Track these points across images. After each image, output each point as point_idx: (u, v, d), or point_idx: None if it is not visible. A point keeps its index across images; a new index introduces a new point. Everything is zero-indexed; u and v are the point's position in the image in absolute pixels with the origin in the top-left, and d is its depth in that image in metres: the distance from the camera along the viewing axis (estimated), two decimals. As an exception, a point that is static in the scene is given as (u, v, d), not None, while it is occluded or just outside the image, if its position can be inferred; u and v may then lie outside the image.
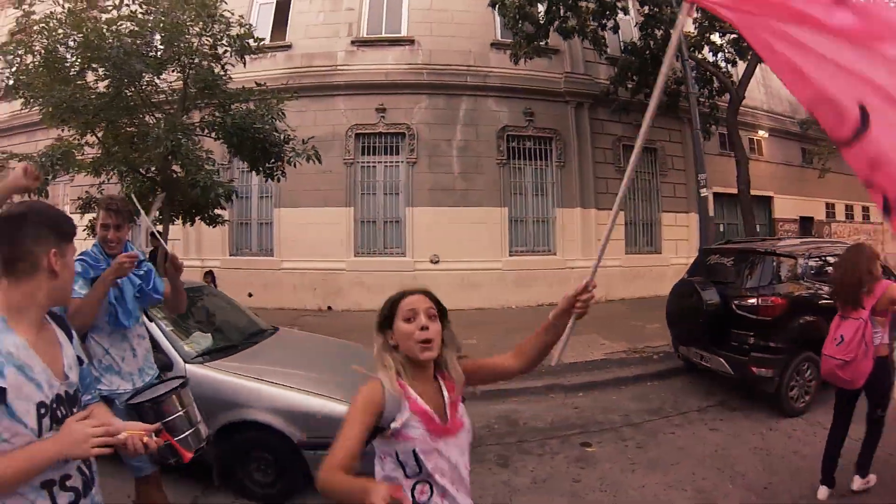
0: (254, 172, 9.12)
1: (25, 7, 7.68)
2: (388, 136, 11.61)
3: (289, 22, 13.12)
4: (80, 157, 7.84)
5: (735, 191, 11.50)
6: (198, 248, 12.12)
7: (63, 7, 7.31)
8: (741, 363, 5.20)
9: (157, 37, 7.70)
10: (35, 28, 7.40)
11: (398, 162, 11.49)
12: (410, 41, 12.02)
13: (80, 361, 1.59)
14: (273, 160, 8.62)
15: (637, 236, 12.68)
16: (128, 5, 7.61)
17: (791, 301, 5.15)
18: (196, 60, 7.86)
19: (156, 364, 3.16)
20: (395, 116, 11.48)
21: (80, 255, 2.79)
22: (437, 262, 10.87)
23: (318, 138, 11.02)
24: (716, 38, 11.59)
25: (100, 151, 7.87)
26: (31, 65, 7.59)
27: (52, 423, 1.40)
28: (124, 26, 7.38)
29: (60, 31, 7.31)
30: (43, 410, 1.39)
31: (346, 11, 12.54)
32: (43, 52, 7.37)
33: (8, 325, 1.36)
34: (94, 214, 5.13)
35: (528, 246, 11.75)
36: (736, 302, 5.32)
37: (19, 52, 7.61)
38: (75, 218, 12.41)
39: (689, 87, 9.69)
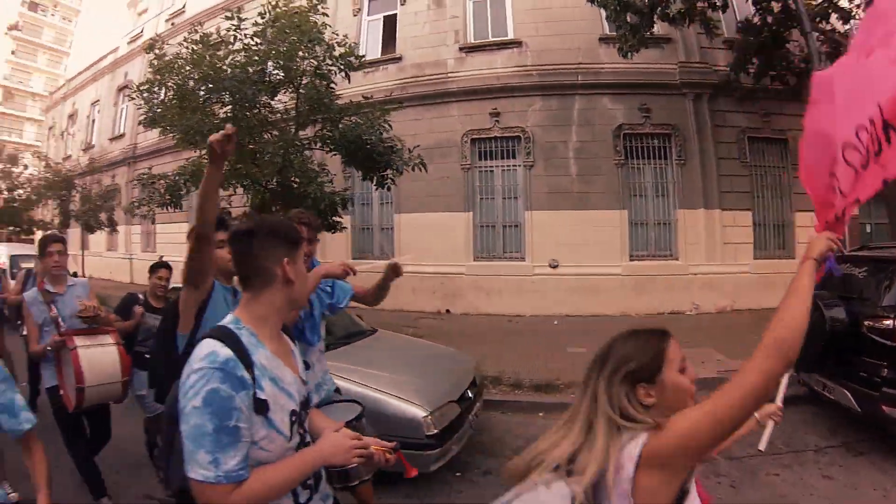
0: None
1: (157, 52, 9.11)
2: (504, 140, 11.95)
3: (397, 35, 13.91)
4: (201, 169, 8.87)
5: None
6: (322, 253, 13.21)
7: (187, 48, 8.72)
8: (870, 399, 4.35)
9: (269, 63, 8.74)
10: (166, 69, 8.81)
11: (515, 166, 11.81)
12: (518, 43, 12.21)
13: (307, 366, 1.82)
14: (383, 169, 9.35)
15: (767, 239, 11.79)
16: (240, 39, 8.78)
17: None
18: (305, 81, 8.85)
19: None
20: (509, 120, 11.79)
21: None
22: (555, 266, 11.07)
23: (434, 145, 11.87)
24: (844, 2, 10.30)
25: (225, 168, 8.74)
26: (166, 99, 9.05)
27: (298, 427, 1.52)
28: (238, 59, 8.59)
29: (187, 68, 8.60)
30: (294, 418, 1.49)
31: (451, 19, 13.06)
32: (174, 87, 8.75)
33: (259, 339, 1.46)
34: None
35: (648, 250, 11.40)
36: (868, 323, 4.46)
37: (154, 90, 9.08)
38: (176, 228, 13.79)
39: (817, 63, 8.68)
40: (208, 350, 1.37)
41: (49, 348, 3.63)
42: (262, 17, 8.89)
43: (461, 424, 4.08)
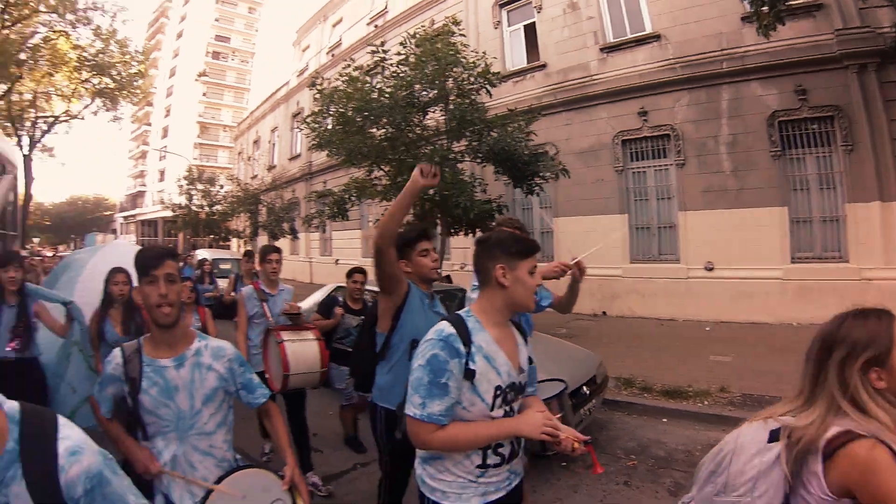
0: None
1: (318, 87, 11.43)
2: (654, 140, 12.44)
3: (538, 42, 14.83)
4: (370, 189, 11.26)
5: None
6: None
7: (342, 83, 10.87)
8: None
9: (417, 86, 10.50)
10: (327, 100, 11.09)
11: (667, 165, 12.25)
12: (656, 36, 12.38)
13: (530, 361, 2.11)
14: (531, 176, 10.64)
15: None
16: (387, 69, 10.80)
17: None
18: (451, 99, 10.57)
19: None
20: (657, 118, 12.27)
21: None
22: (711, 269, 11.28)
23: (586, 149, 13.19)
24: None
25: (387, 182, 10.94)
26: (330, 126, 11.29)
27: (502, 403, 1.91)
28: (389, 85, 10.53)
29: (344, 99, 10.67)
30: (498, 392, 1.89)
31: (588, 21, 13.70)
32: (335, 116, 10.94)
33: (482, 325, 1.92)
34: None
35: (813, 251, 10.63)
36: None
37: (319, 119, 11.44)
38: (350, 234, 15.88)
39: None
40: (439, 328, 1.89)
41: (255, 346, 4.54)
42: (404, 46, 10.92)
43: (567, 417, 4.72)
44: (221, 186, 31.97)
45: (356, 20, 24.42)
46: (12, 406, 1.24)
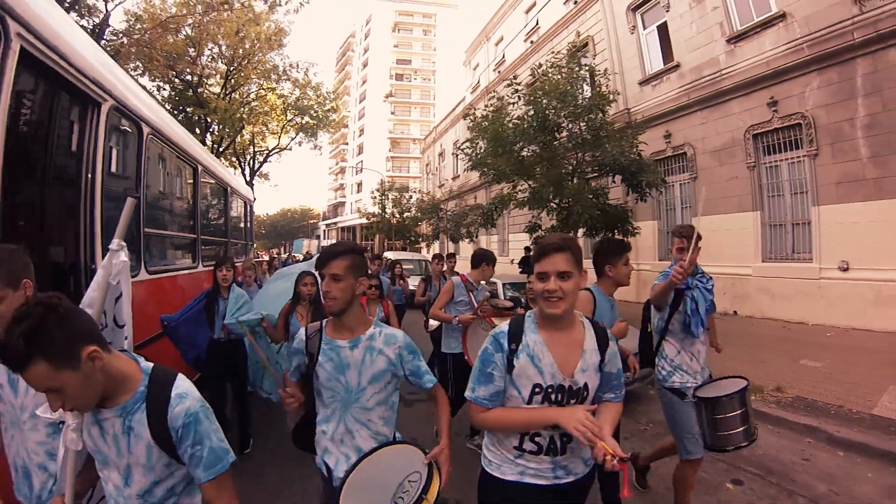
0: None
1: (470, 118, 13.42)
2: (785, 131, 11.80)
3: (671, 42, 14.90)
4: (513, 201, 12.96)
5: None
6: (635, 253, 15.38)
7: (485, 114, 12.79)
8: None
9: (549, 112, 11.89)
10: (478, 129, 13.01)
11: (800, 157, 11.49)
12: (781, 16, 11.69)
13: (601, 369, 2.17)
14: (638, 185, 11.56)
15: None
16: (523, 98, 12.35)
17: None
18: (588, 116, 11.83)
19: None
20: (787, 107, 11.63)
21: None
22: (846, 269, 10.38)
23: (720, 146, 13.27)
24: None
25: (529, 194, 12.50)
26: (482, 150, 13.26)
27: (543, 400, 2.10)
28: (523, 114, 12.25)
29: (487, 131, 12.58)
30: (537, 389, 2.08)
31: (713, 12, 13.44)
32: (486, 142, 12.85)
33: (536, 327, 2.16)
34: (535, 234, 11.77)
35: None
36: None
37: (472, 146, 13.49)
38: (521, 237, 17.37)
39: None
40: (500, 327, 2.23)
41: (458, 322, 5.27)
42: (534, 77, 13.16)
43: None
44: (411, 196, 35.88)
45: (514, 37, 25.86)
46: (147, 364, 1.79)
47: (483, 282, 5.74)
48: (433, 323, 6.50)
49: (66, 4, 15.22)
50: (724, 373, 3.89)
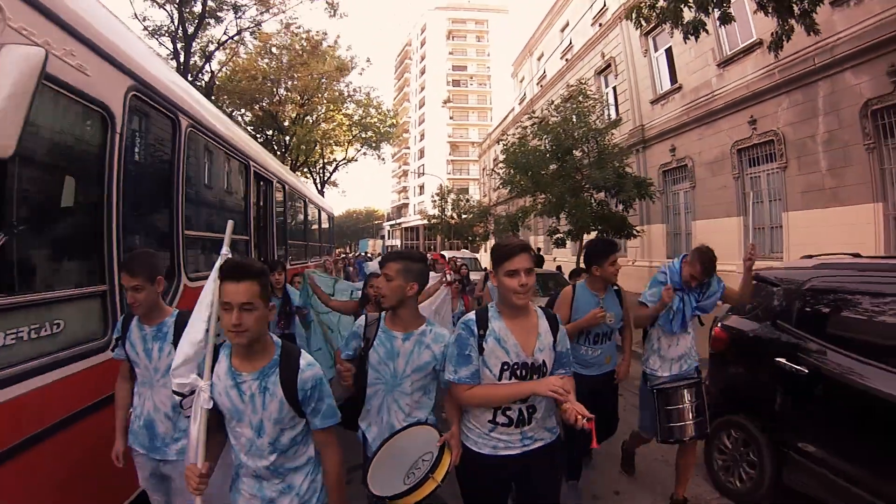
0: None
1: (503, 143, 16.42)
2: (762, 146, 13.56)
3: (675, 64, 16.85)
4: (533, 210, 16.04)
5: None
6: (647, 252, 17.56)
7: (510, 143, 15.65)
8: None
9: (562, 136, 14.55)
10: (508, 153, 15.82)
11: (775, 169, 13.16)
12: (759, 43, 13.21)
13: (554, 348, 2.58)
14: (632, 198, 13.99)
15: None
16: (538, 125, 15.29)
17: None
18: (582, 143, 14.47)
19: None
20: (764, 125, 13.37)
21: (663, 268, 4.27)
22: None
23: (713, 159, 15.17)
24: None
25: (548, 204, 15.12)
26: (510, 171, 15.94)
27: (510, 376, 2.49)
28: (543, 139, 15.10)
29: (515, 154, 15.49)
30: (506, 367, 2.49)
31: (708, 38, 14.70)
32: (510, 165, 15.64)
33: (500, 315, 2.57)
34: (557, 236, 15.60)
35: None
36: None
37: (502, 169, 16.37)
38: (539, 240, 20.40)
39: None
40: (467, 316, 2.63)
41: None
42: (552, 105, 15.78)
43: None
44: (469, 199, 38.62)
45: (551, 53, 28.12)
46: (277, 339, 2.29)
47: None
48: None
49: (181, 68, 19.35)
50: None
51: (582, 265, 4.89)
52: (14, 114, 1.77)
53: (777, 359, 4.07)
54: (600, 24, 21.91)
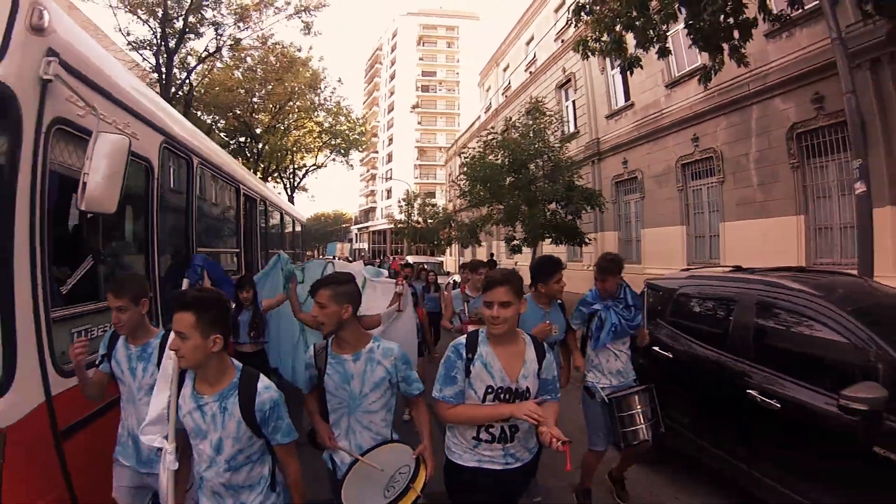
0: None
1: (462, 157, 17.76)
2: (703, 162, 14.84)
3: (629, 84, 17.98)
4: (491, 219, 17.28)
5: None
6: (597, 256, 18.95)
7: (470, 157, 16.80)
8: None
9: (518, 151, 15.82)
10: (467, 166, 16.90)
11: (714, 183, 14.47)
12: (703, 67, 13.84)
13: (539, 376, 2.73)
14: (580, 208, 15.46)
15: None
16: (496, 140, 16.63)
17: None
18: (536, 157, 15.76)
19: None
20: (705, 143, 14.65)
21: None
22: None
23: (660, 172, 16.33)
24: None
25: (504, 213, 16.46)
26: (470, 183, 17.14)
27: (494, 399, 2.66)
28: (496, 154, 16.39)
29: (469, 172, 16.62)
30: (490, 390, 2.65)
31: (658, 60, 15.79)
32: (470, 178, 16.79)
33: (488, 341, 2.72)
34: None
35: (832, 257, 11.10)
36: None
37: (464, 181, 17.37)
38: (502, 245, 21.54)
39: None
40: (458, 340, 2.81)
41: (456, 330, 5.58)
42: (510, 121, 17.31)
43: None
44: (434, 205, 39.76)
45: (517, 66, 29.28)
46: (238, 364, 2.48)
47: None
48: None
49: (163, 81, 20.27)
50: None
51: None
52: (114, 186, 2.65)
53: (653, 347, 5.22)
54: (563, 41, 22.98)
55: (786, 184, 12.20)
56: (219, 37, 22.67)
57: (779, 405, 3.82)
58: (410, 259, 22.82)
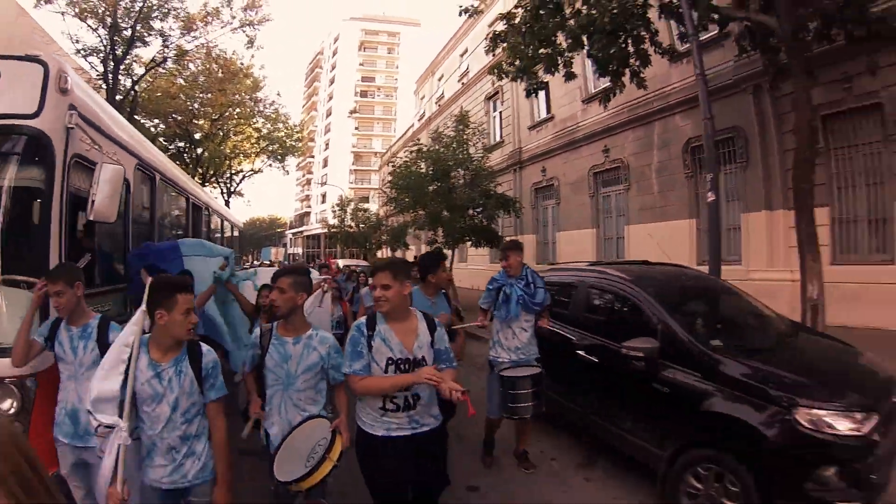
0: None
1: (391, 164, 18.59)
2: (612, 171, 16.30)
3: (551, 98, 19.20)
4: (415, 224, 18.25)
5: None
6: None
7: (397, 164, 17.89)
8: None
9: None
10: (395, 174, 18.01)
11: (620, 191, 15.96)
12: (604, 90, 15.36)
13: (433, 346, 3.09)
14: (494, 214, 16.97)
15: (857, 239, 10.46)
16: (421, 151, 17.67)
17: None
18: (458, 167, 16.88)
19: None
20: (614, 154, 16.12)
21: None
22: None
23: (575, 180, 17.60)
24: None
25: (426, 219, 17.50)
26: (396, 191, 18.13)
27: (395, 370, 2.98)
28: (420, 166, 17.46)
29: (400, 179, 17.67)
30: (390, 362, 2.98)
31: (579, 77, 17.18)
32: (395, 186, 17.82)
33: (384, 319, 3.05)
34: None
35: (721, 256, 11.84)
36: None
37: (388, 188, 18.69)
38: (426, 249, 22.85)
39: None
40: (359, 320, 3.16)
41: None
42: (434, 133, 18.38)
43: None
44: (367, 210, 40.74)
45: (450, 76, 30.40)
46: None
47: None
48: None
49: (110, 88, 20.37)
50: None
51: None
52: (113, 205, 3.64)
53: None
54: (494, 54, 24.09)
55: (681, 191, 13.71)
56: (165, 47, 22.94)
57: (596, 360, 5.10)
58: (342, 263, 23.67)
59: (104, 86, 20.46)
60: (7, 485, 0.81)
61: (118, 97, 20.81)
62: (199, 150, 30.93)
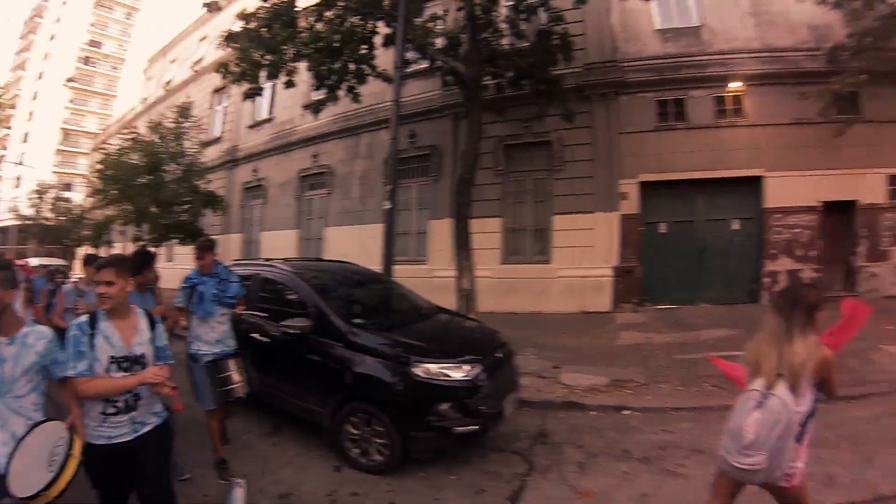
0: None
1: (102, 152, 16.60)
2: (319, 175, 16.97)
3: (274, 100, 19.17)
4: (119, 218, 16.65)
5: (681, 176, 12.17)
6: (227, 257, 19.98)
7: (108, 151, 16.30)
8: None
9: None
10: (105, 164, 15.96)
11: (324, 194, 16.72)
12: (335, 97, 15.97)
13: (153, 343, 3.10)
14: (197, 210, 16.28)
15: (523, 244, 13.48)
16: (136, 141, 16.30)
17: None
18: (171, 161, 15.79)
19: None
20: (323, 159, 16.87)
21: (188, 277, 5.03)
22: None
23: (286, 181, 17.58)
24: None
25: (131, 214, 15.97)
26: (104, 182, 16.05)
27: (117, 368, 2.93)
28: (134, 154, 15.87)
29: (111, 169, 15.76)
30: (112, 360, 2.92)
31: (301, 83, 16.82)
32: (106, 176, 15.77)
33: (106, 316, 2.98)
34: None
35: (407, 255, 13.87)
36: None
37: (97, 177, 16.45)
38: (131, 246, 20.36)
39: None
40: (81, 319, 3.03)
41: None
42: (152, 123, 16.85)
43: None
44: (69, 199, 35.33)
45: (184, 62, 28.56)
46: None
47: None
48: None
49: None
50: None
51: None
52: None
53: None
54: (225, 50, 23.61)
55: (379, 199, 13.89)
56: None
57: (268, 340, 5.73)
58: (34, 262, 20.93)
59: None
60: None
61: None
62: None
